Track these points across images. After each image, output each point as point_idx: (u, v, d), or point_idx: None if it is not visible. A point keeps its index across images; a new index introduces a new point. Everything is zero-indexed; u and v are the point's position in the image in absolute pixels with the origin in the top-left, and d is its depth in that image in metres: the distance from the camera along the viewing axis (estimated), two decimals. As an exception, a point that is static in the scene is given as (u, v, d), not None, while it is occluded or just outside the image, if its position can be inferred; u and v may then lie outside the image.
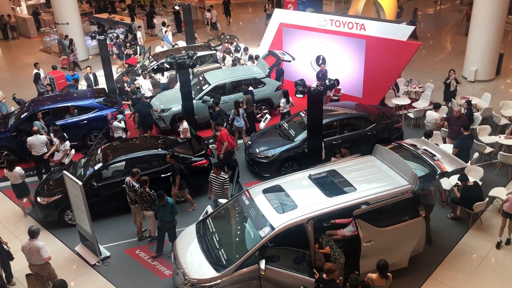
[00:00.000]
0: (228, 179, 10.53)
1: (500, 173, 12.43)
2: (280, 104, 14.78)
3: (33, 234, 8.58)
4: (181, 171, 11.04)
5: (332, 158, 11.08)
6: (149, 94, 16.39)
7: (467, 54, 18.68)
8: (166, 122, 15.06)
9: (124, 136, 13.77)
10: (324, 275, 7.58)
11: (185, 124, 13.06)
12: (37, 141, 12.37)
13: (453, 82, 15.20)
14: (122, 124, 13.84)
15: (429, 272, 9.34)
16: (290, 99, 14.58)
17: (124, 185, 10.48)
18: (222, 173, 10.51)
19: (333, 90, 15.17)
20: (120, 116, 14.02)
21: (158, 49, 20.49)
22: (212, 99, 14.13)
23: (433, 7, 30.89)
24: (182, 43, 21.49)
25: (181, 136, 13.01)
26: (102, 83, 17.56)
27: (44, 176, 12.30)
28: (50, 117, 13.93)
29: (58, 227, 11.05)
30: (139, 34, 23.11)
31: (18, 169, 11.16)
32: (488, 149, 12.56)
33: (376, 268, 7.70)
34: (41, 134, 12.60)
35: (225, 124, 13.03)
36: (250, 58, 18.30)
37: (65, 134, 12.56)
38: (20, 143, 13.20)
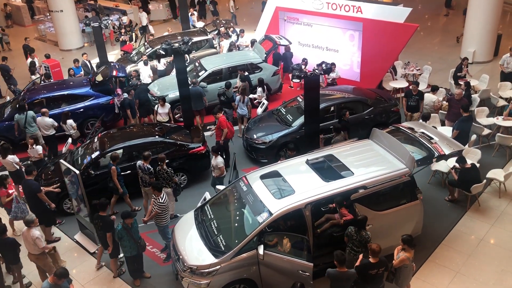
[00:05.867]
0: (164, 204, 9.04)
1: (497, 155, 12.42)
2: (257, 94, 14.67)
3: (28, 223, 8.53)
4: None
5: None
6: (148, 81, 16.25)
7: (465, 35, 18.55)
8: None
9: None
10: (370, 259, 7.41)
11: None
12: (43, 122, 12.69)
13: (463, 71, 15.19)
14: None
15: (427, 254, 9.39)
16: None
17: (137, 170, 10.42)
18: (161, 194, 9.05)
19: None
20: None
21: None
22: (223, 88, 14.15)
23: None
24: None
25: None
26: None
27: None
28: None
29: (57, 216, 11.03)
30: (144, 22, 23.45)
31: (11, 157, 11.12)
32: (486, 131, 12.53)
33: (404, 243, 7.62)
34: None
35: (223, 111, 12.95)
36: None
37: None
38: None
